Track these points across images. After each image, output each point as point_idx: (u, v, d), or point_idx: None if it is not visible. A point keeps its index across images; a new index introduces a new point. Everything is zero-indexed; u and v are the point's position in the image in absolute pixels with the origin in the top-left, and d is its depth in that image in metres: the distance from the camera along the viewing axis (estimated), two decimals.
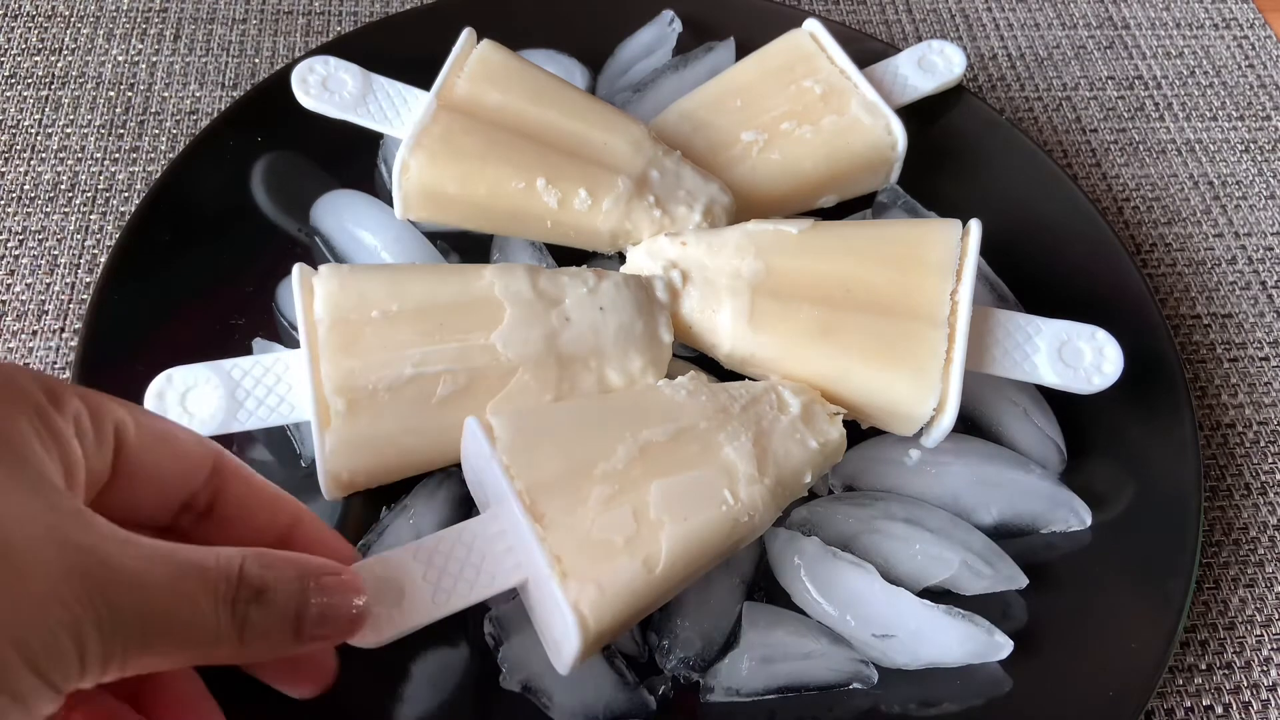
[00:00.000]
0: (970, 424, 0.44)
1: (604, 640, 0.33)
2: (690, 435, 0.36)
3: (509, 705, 0.36)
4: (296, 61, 0.46)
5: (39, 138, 0.53)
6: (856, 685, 0.37)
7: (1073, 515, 0.41)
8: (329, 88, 0.45)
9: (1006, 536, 0.41)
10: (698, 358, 0.43)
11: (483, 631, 0.37)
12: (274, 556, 0.26)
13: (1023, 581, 0.39)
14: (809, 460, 0.37)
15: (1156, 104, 0.61)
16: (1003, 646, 0.37)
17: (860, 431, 0.42)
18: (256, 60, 0.57)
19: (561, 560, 0.32)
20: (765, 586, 0.40)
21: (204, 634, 0.24)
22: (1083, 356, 0.41)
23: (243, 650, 0.24)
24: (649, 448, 0.35)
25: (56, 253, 0.49)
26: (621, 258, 0.45)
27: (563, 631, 0.32)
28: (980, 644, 0.37)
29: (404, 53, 0.47)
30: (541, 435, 0.35)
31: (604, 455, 0.34)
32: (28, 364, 0.46)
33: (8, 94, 0.54)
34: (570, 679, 0.35)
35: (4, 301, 0.47)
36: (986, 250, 0.42)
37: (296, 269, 0.38)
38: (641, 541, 0.33)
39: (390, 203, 0.45)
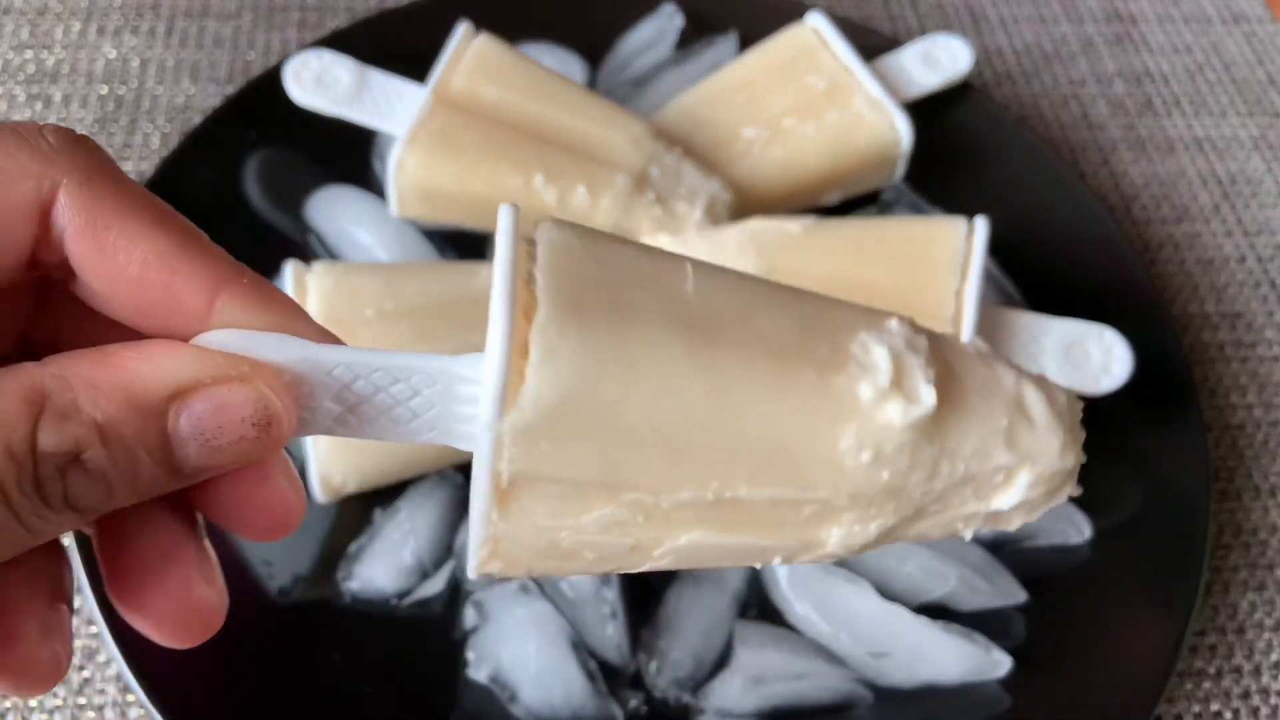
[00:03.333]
0: None
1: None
2: (804, 505, 0.22)
3: (473, 697, 0.36)
4: (291, 56, 0.46)
5: None
6: (851, 705, 0.37)
7: (1071, 528, 0.41)
8: (323, 83, 0.45)
9: (1004, 549, 0.40)
10: None
11: (456, 614, 0.37)
12: (92, 374, 0.18)
13: (1021, 596, 0.39)
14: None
15: (1164, 100, 0.60)
16: (1001, 664, 0.37)
17: None
18: (250, 55, 0.56)
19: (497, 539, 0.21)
20: (758, 604, 0.39)
21: None
22: (1090, 357, 0.40)
23: (69, 524, 0.18)
24: (728, 504, 0.21)
25: None
26: None
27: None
28: (978, 662, 0.37)
29: (400, 47, 0.47)
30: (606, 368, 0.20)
31: (655, 487, 0.21)
32: None
33: None
34: (539, 677, 0.35)
35: None
36: (993, 248, 0.41)
37: (290, 266, 0.38)
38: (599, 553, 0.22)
39: (386, 199, 0.44)
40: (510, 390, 0.19)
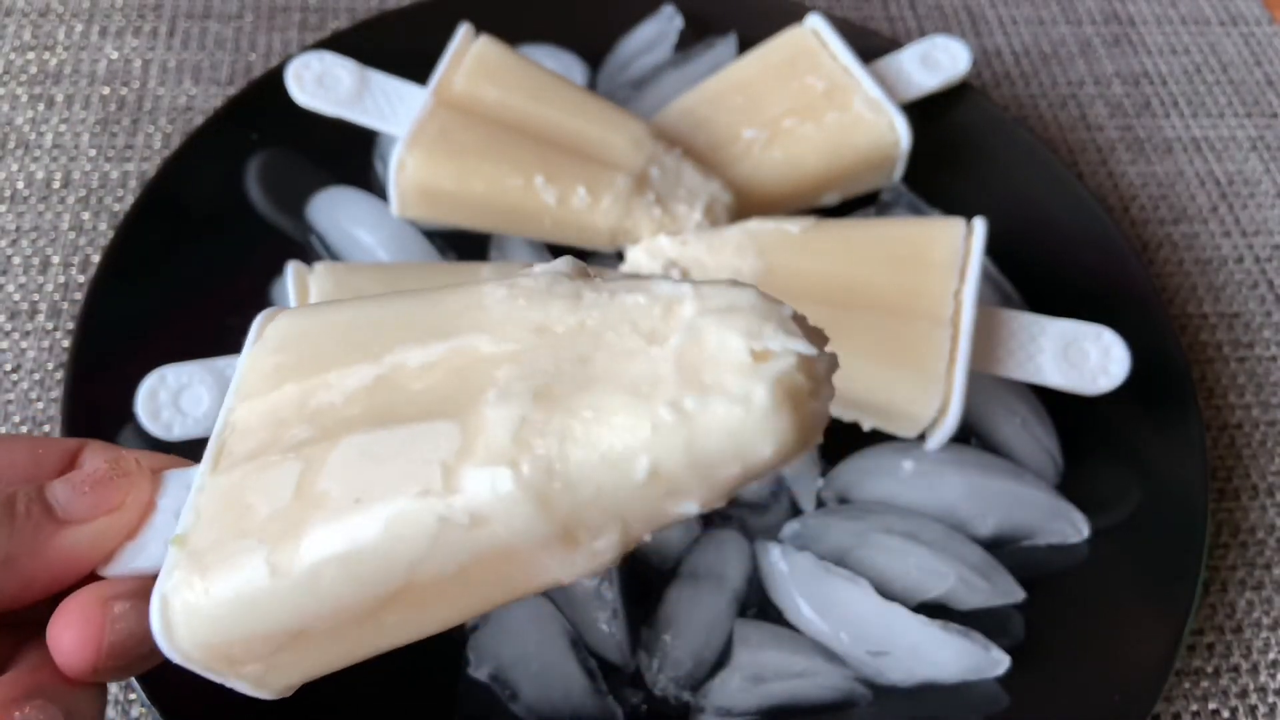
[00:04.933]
0: (967, 432, 0.43)
1: (216, 655, 0.23)
2: (458, 362, 0.22)
3: (474, 695, 0.36)
4: (292, 58, 0.46)
5: (32, 135, 0.52)
6: (851, 704, 0.37)
7: (1070, 527, 0.41)
8: (325, 84, 0.45)
9: (1003, 548, 0.40)
10: None
11: None
12: None
13: (1019, 595, 0.39)
14: (651, 450, 0.20)
15: (1163, 101, 0.60)
16: (999, 662, 0.37)
17: (859, 436, 0.41)
18: (252, 57, 0.56)
19: (190, 534, 0.22)
20: (757, 603, 0.39)
21: None
22: (1088, 357, 0.41)
23: None
24: (394, 375, 0.23)
25: (49, 251, 0.48)
26: (621, 257, 0.44)
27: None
28: (977, 660, 0.37)
29: (401, 49, 0.47)
30: (316, 326, 0.25)
31: (332, 378, 0.23)
32: (20, 364, 0.45)
33: (0, 91, 0.53)
34: (540, 676, 0.35)
35: None
36: (991, 249, 0.41)
37: (291, 267, 0.38)
38: (283, 524, 0.21)
39: (387, 200, 0.44)
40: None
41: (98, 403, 0.39)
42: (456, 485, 0.20)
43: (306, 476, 0.22)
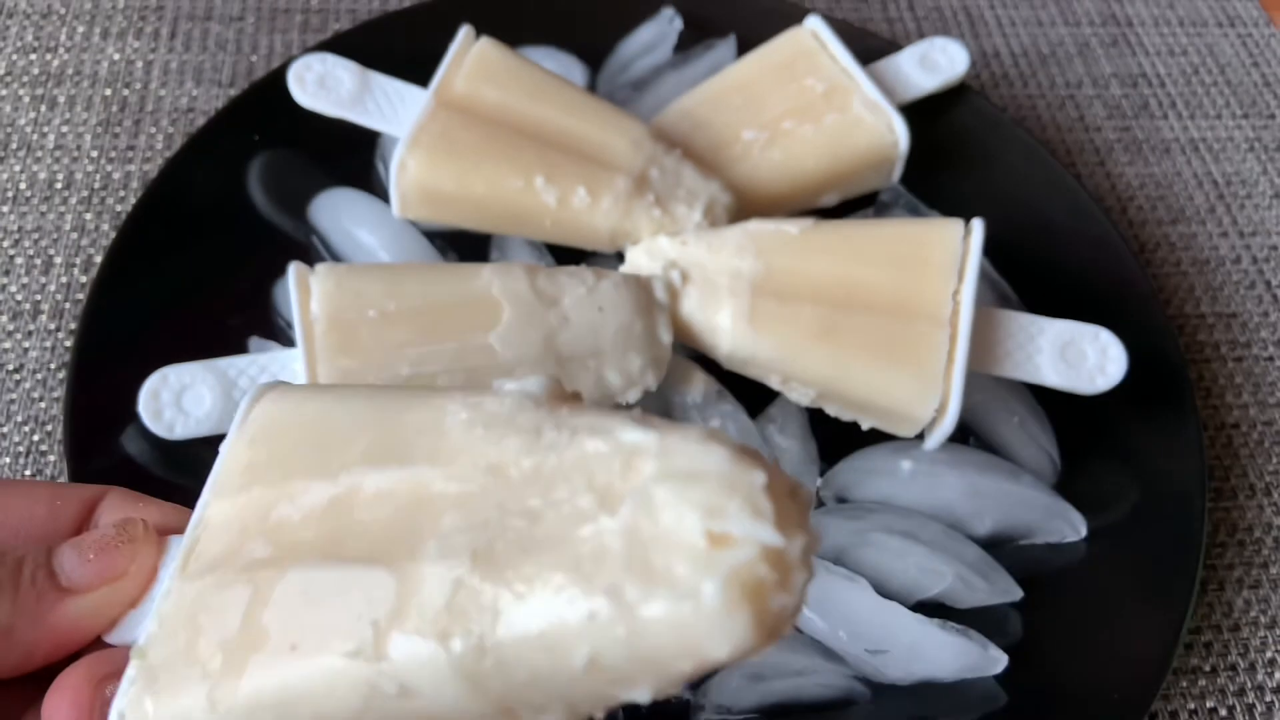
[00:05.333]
0: (965, 432, 0.43)
1: None
2: (408, 498, 0.20)
3: None
4: (294, 59, 0.46)
5: (34, 136, 0.52)
6: (849, 702, 0.37)
7: (1068, 526, 0.41)
8: (326, 85, 0.45)
9: (1001, 547, 0.41)
10: (697, 357, 0.43)
11: None
12: None
13: (1017, 594, 0.39)
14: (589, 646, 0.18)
15: (1160, 102, 0.60)
16: (997, 661, 0.37)
17: (857, 436, 0.42)
18: (253, 58, 0.56)
19: (149, 647, 0.22)
20: None
21: None
22: (1086, 357, 0.41)
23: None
24: (348, 499, 0.21)
25: (52, 252, 0.48)
26: (621, 257, 0.44)
27: None
28: (974, 658, 0.37)
29: (402, 50, 0.47)
30: (291, 420, 0.24)
31: (295, 489, 0.22)
32: (22, 364, 0.45)
33: (3, 92, 0.54)
34: None
35: None
36: (989, 249, 0.41)
37: (292, 268, 0.38)
38: (227, 658, 0.20)
39: (388, 201, 0.44)
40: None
41: (100, 402, 0.39)
42: (385, 651, 0.18)
43: (253, 606, 0.20)
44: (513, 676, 0.18)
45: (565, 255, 0.45)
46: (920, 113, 0.49)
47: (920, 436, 0.41)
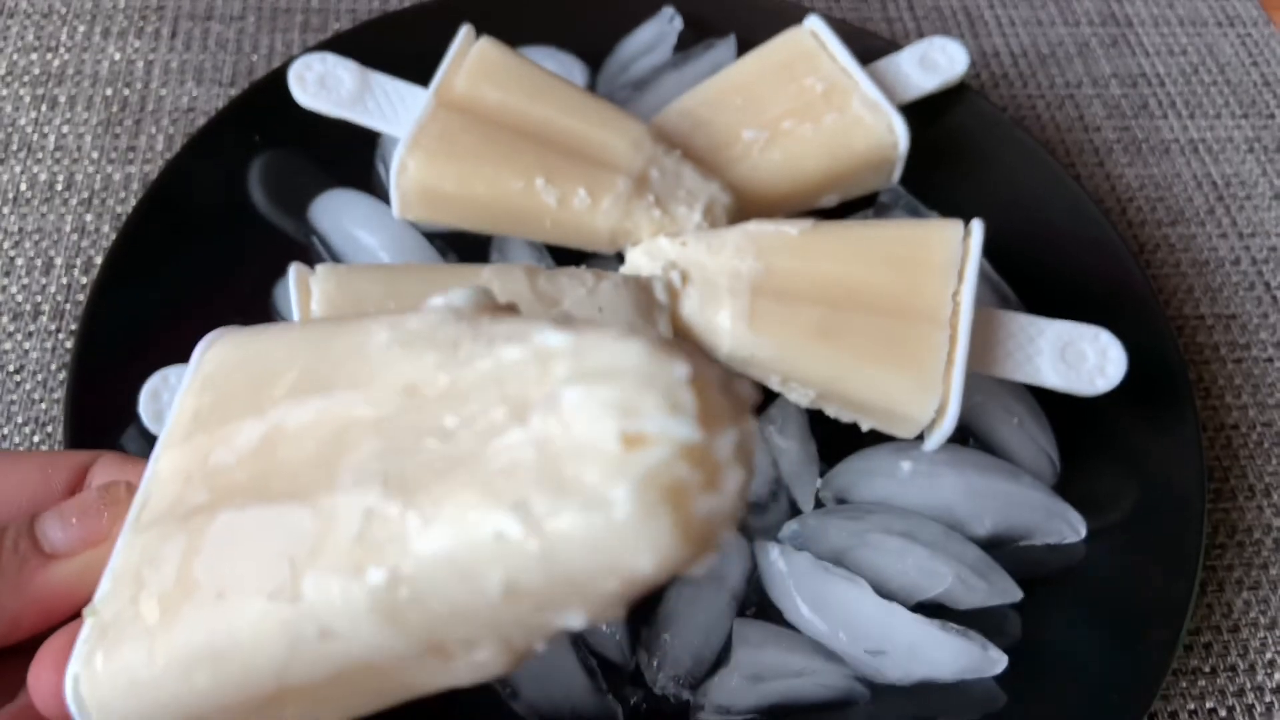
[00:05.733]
0: (965, 433, 0.43)
1: None
2: (330, 427, 0.20)
3: (474, 693, 0.36)
4: (294, 59, 0.46)
5: (35, 136, 0.52)
6: (849, 702, 0.37)
7: (1067, 527, 0.41)
8: (326, 85, 0.45)
9: (1000, 548, 0.41)
10: None
11: None
12: None
13: (1017, 595, 0.39)
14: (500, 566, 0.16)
15: (1160, 102, 0.60)
16: (997, 662, 0.37)
17: (857, 437, 0.42)
18: (254, 58, 0.56)
19: (101, 604, 0.21)
20: (756, 602, 0.39)
21: None
22: (1085, 358, 0.41)
23: None
24: (274, 435, 0.20)
25: (52, 253, 0.49)
26: (621, 258, 0.44)
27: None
28: (974, 659, 0.37)
29: (402, 50, 0.47)
30: (233, 361, 0.23)
31: (230, 431, 0.21)
32: (23, 365, 0.45)
33: (3, 92, 0.54)
34: (540, 674, 0.35)
35: None
36: (989, 250, 0.41)
37: (293, 268, 0.38)
38: (164, 609, 0.20)
39: (388, 202, 0.44)
40: None
41: (100, 404, 0.39)
42: (299, 591, 0.17)
43: (186, 556, 0.20)
44: (431, 608, 0.17)
45: (565, 256, 0.45)
46: (920, 113, 0.49)
47: (920, 437, 0.41)
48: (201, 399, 0.22)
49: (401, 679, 0.19)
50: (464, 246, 0.47)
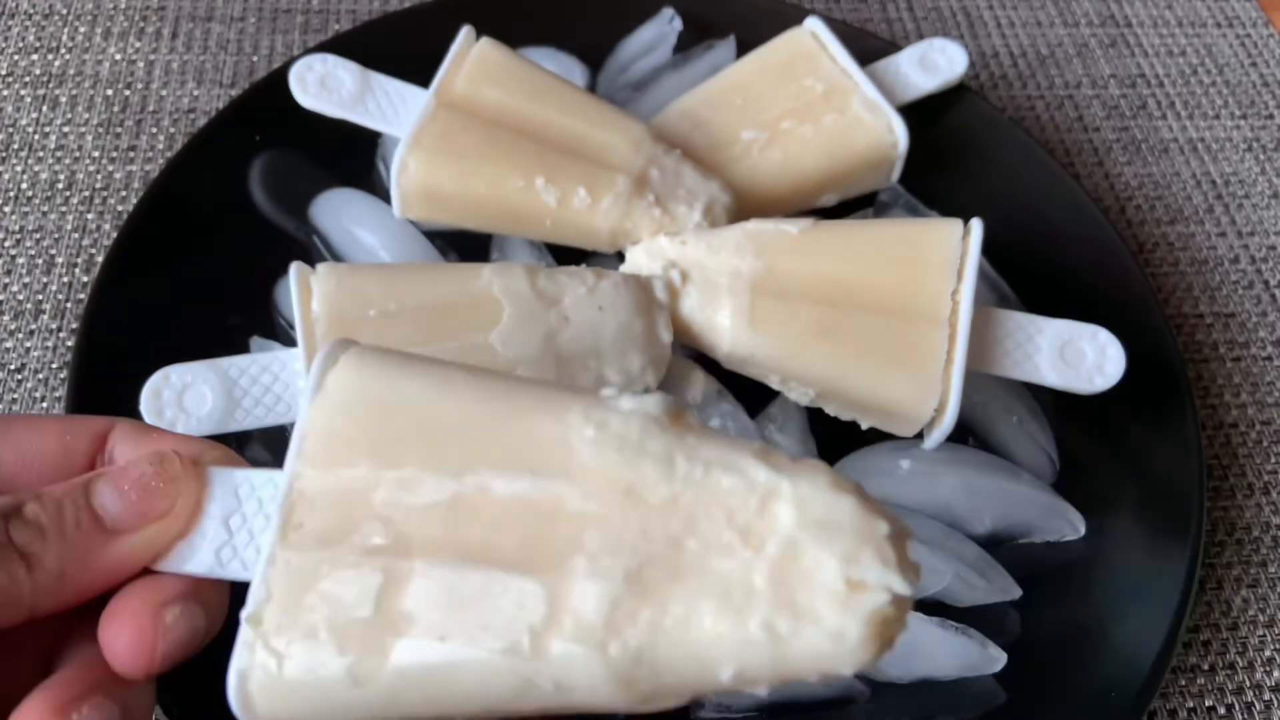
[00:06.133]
0: (964, 431, 0.43)
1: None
2: (543, 509, 0.22)
3: None
4: (295, 59, 0.46)
5: (36, 136, 0.52)
6: (849, 700, 0.37)
7: (1067, 525, 0.41)
8: (327, 86, 0.45)
9: (1000, 546, 0.41)
10: (697, 357, 0.43)
11: None
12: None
13: (1016, 593, 0.39)
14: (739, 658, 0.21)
15: (1159, 102, 0.61)
16: (996, 660, 0.37)
17: (857, 436, 0.42)
18: (255, 58, 0.56)
19: (263, 614, 0.23)
20: None
21: None
22: (1084, 356, 0.41)
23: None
24: (476, 500, 0.23)
25: (54, 252, 0.49)
26: (621, 257, 0.45)
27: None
28: (974, 657, 0.37)
29: (402, 51, 0.47)
30: (387, 398, 0.24)
31: (407, 477, 0.23)
32: (24, 364, 0.46)
33: (4, 92, 0.54)
34: None
35: (1, 301, 0.47)
36: (988, 249, 0.41)
37: (294, 267, 0.38)
38: (366, 636, 0.22)
39: (389, 201, 0.44)
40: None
41: (102, 402, 0.39)
42: (543, 652, 0.21)
43: (387, 593, 0.22)
44: (661, 680, 0.21)
45: (565, 255, 0.45)
46: (919, 113, 0.49)
47: (919, 436, 0.41)
48: (347, 426, 0.24)
49: (596, 709, 0.22)
50: (464, 245, 0.47)
